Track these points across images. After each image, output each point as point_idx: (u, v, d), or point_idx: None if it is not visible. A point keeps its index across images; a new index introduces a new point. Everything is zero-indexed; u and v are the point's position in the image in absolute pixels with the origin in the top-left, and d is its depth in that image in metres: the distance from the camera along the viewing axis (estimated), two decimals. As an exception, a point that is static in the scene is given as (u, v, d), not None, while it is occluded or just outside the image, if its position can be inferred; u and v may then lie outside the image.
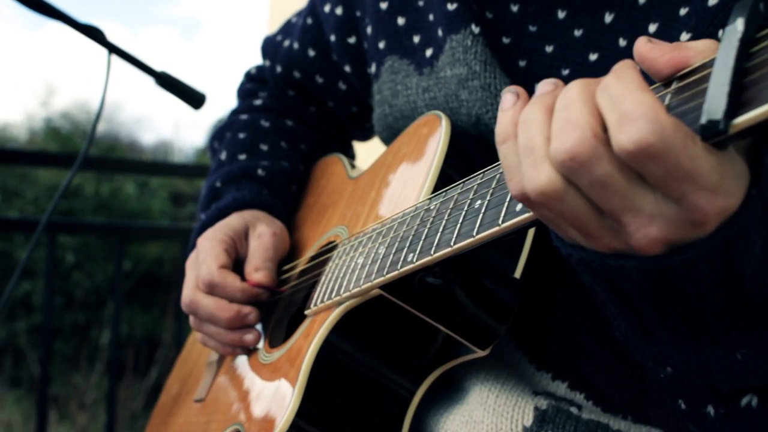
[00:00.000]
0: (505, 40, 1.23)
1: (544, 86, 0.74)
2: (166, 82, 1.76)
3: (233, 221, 1.42)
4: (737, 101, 0.58)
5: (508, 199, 0.82)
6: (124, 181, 10.48)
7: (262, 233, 1.40)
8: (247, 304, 1.33)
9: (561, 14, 1.19)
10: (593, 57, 1.15)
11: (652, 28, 1.09)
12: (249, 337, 1.33)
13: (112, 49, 1.71)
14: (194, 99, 1.81)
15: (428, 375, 1.12)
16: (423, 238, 0.96)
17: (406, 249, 0.99)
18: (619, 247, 0.69)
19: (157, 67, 1.76)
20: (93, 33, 1.70)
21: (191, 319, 1.39)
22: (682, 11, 1.05)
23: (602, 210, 0.67)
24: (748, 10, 0.61)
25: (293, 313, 1.30)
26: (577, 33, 1.17)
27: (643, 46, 0.70)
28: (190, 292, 1.36)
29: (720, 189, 0.62)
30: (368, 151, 1.77)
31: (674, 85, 0.68)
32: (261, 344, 1.34)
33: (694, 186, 0.62)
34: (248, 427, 1.16)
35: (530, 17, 1.22)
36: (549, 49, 1.20)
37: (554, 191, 0.68)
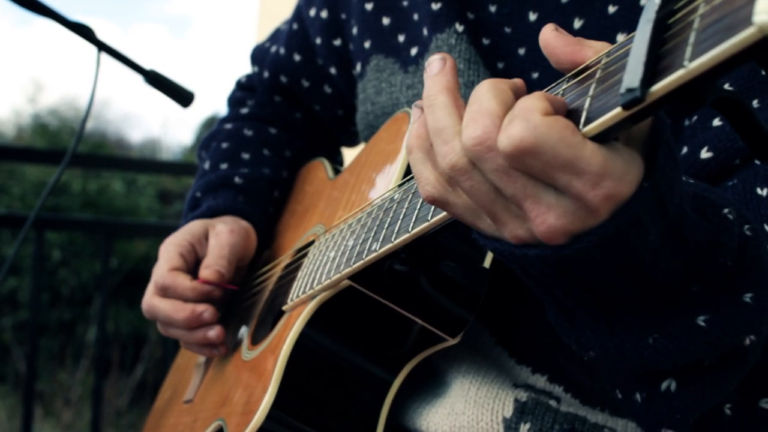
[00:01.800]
0: (485, 42, 1.27)
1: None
2: (155, 80, 1.79)
3: (194, 225, 1.45)
4: (654, 70, 0.62)
5: None
6: (112, 179, 10.48)
7: (219, 231, 1.42)
8: (201, 302, 1.36)
9: (532, 17, 1.23)
10: None
11: (620, 37, 1.13)
12: (212, 333, 1.35)
13: (102, 46, 1.74)
14: (183, 97, 1.83)
15: (404, 365, 1.15)
16: (386, 226, 0.99)
17: (371, 239, 1.02)
18: (524, 236, 0.73)
19: (146, 65, 1.78)
20: (83, 31, 1.72)
21: (158, 325, 1.42)
22: None
23: (507, 196, 0.72)
24: None
25: (277, 312, 1.33)
26: None
27: (549, 33, 0.74)
28: (147, 297, 1.39)
29: (604, 174, 0.66)
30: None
31: (569, 81, 0.74)
32: (245, 342, 1.37)
33: (576, 173, 0.66)
34: (229, 421, 1.19)
35: (505, 19, 1.25)
36: (522, 51, 1.23)
37: (461, 167, 0.73)
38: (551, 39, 0.74)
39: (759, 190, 0.98)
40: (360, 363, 1.14)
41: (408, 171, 1.14)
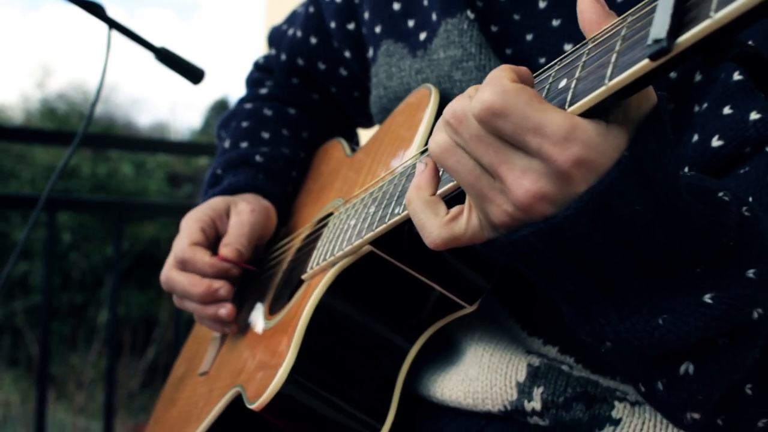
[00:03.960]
0: (494, 29, 1.29)
1: None
2: (166, 57, 1.79)
3: (216, 202, 1.47)
4: (680, 22, 0.64)
5: None
6: (121, 162, 10.51)
7: (241, 210, 1.44)
8: (218, 278, 1.37)
9: (542, 4, 1.25)
10: (567, 47, 1.21)
11: None
12: (222, 311, 1.37)
13: (113, 24, 1.74)
14: (193, 74, 1.84)
15: (421, 333, 1.16)
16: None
17: (393, 203, 1.04)
18: (510, 209, 0.76)
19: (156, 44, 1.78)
20: (93, 9, 1.73)
21: (174, 297, 1.44)
22: None
23: (486, 167, 0.76)
24: None
25: (295, 283, 1.35)
26: (555, 23, 1.23)
27: (587, 1, 0.80)
28: (166, 270, 1.41)
29: (571, 138, 0.70)
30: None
31: (596, 40, 0.77)
32: (262, 313, 1.38)
33: (544, 136, 0.70)
34: (248, 387, 1.21)
35: (514, 6, 1.27)
36: (529, 37, 1.25)
37: (445, 146, 0.79)
38: (587, 5, 0.79)
39: None
40: (378, 330, 1.16)
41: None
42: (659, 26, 0.64)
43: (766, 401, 0.90)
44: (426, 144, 1.15)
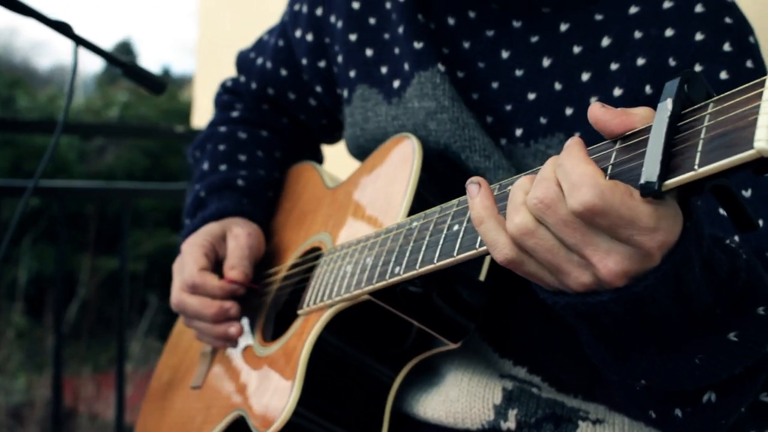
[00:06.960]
0: (460, 74, 1.39)
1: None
2: (132, 71, 1.86)
3: (212, 227, 1.59)
4: (668, 167, 0.77)
5: None
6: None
7: (238, 234, 1.55)
8: (227, 299, 1.50)
9: (505, 54, 1.35)
10: (531, 96, 1.32)
11: (585, 77, 1.28)
12: (233, 330, 1.49)
13: (79, 41, 1.80)
14: (156, 86, 1.91)
15: (406, 363, 1.32)
16: (408, 254, 1.13)
17: (392, 262, 1.16)
18: (587, 281, 0.85)
19: (122, 58, 1.85)
20: (61, 27, 1.78)
21: (181, 317, 1.56)
22: (613, 66, 1.25)
23: (569, 246, 0.84)
24: (675, 91, 0.80)
25: (280, 309, 1.48)
26: (518, 73, 1.34)
27: (597, 110, 0.86)
28: (177, 294, 1.53)
29: (658, 228, 0.79)
30: (336, 155, 1.92)
31: (618, 144, 0.86)
32: (254, 338, 1.51)
33: (636, 230, 0.79)
34: (251, 414, 1.34)
35: (479, 55, 1.38)
36: (495, 85, 1.36)
37: (527, 227, 0.86)
38: (600, 115, 0.86)
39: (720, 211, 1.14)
40: (370, 362, 1.31)
41: (417, 197, 1.28)
42: (650, 169, 0.77)
43: (749, 415, 1.05)
44: (413, 203, 1.28)
